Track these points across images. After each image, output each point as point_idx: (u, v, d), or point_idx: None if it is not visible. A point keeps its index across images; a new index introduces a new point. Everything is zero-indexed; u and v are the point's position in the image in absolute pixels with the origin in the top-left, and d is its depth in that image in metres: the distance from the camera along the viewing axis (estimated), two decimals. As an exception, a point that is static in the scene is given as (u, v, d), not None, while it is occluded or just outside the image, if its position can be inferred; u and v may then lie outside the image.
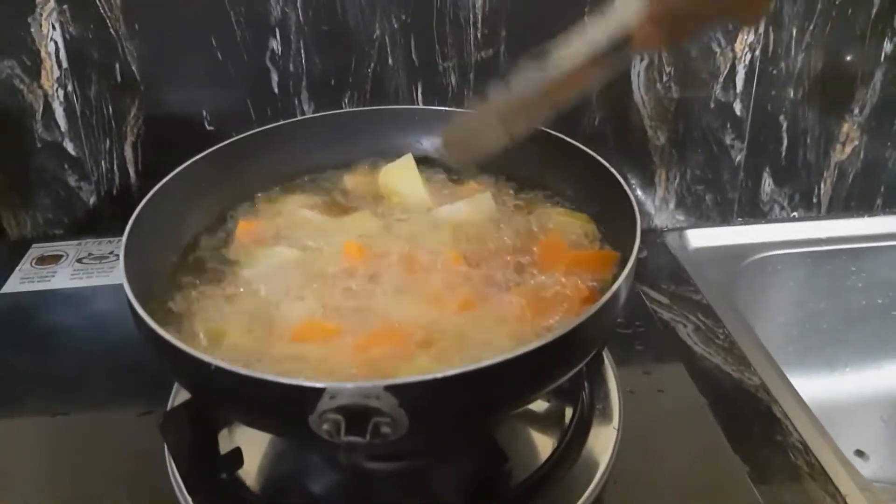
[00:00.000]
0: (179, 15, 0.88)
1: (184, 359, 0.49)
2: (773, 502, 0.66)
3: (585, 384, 0.72)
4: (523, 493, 0.62)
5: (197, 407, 0.59)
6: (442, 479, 0.62)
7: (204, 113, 0.94)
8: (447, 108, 0.84)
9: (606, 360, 0.76)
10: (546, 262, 0.67)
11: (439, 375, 0.45)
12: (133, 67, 0.90)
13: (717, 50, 0.94)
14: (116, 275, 0.88)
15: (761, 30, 0.93)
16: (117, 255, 0.87)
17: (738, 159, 1.02)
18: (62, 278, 0.92)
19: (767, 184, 1.04)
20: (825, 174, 1.04)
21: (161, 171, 0.69)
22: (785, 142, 1.01)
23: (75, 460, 0.69)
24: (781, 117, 0.99)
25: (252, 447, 0.64)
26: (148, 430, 0.63)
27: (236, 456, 0.63)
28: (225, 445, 0.63)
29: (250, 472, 0.64)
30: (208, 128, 0.94)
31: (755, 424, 0.75)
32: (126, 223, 0.61)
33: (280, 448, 0.66)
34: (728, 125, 0.99)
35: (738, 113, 0.98)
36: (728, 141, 1.00)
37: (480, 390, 0.48)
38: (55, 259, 0.96)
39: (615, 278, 0.56)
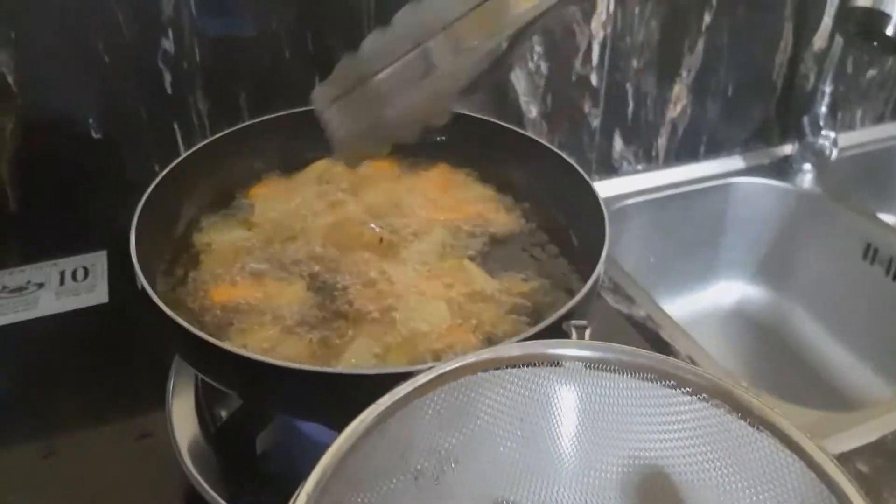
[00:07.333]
0: (59, 18, 0.82)
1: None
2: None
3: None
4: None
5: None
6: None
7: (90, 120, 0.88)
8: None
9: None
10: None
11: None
12: (9, 79, 0.82)
13: (577, 29, 1.06)
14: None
15: (611, 10, 1.06)
16: (38, 284, 0.81)
17: (594, 125, 1.16)
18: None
19: (618, 143, 1.19)
20: (661, 130, 1.21)
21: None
22: (631, 105, 1.16)
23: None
24: (628, 84, 1.14)
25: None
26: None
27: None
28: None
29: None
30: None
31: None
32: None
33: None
34: (586, 95, 1.12)
35: (594, 83, 1.11)
36: (587, 109, 1.14)
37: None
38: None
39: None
